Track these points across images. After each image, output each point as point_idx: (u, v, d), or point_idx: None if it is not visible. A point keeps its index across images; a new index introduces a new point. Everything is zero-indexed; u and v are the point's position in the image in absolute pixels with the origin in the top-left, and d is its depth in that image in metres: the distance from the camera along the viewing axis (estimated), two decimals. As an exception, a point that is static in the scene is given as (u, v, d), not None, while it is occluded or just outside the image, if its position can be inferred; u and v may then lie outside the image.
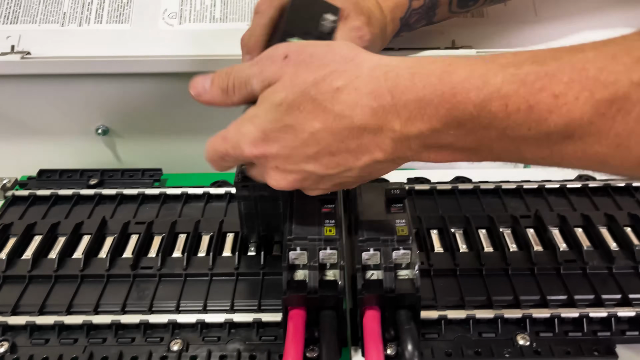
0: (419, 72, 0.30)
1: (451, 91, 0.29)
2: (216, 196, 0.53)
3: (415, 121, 0.30)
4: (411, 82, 0.30)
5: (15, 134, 0.63)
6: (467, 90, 0.28)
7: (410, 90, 0.29)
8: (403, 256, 0.36)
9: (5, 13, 0.60)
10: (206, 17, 0.61)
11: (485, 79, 0.28)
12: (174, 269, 0.45)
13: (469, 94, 0.28)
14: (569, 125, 0.28)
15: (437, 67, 0.30)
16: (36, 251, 0.46)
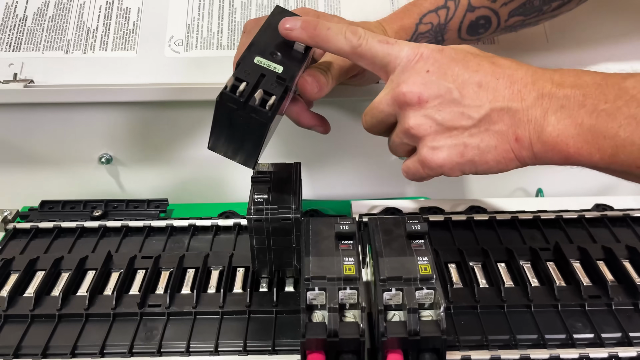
0: (582, 72, 0.35)
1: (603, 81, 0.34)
2: (224, 228, 0.52)
3: (566, 87, 0.34)
4: (572, 70, 0.35)
5: (17, 162, 0.61)
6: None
7: (572, 73, 0.35)
8: (426, 296, 0.35)
9: (8, 40, 0.59)
10: (213, 44, 0.60)
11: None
12: (183, 307, 0.43)
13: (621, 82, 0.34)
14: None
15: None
16: (39, 288, 0.44)
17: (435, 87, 0.36)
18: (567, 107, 0.34)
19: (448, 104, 0.35)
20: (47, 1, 0.61)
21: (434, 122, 0.36)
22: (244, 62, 0.37)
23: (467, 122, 0.35)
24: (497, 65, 0.36)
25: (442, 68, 0.36)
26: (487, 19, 0.50)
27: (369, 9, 0.61)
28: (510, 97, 0.35)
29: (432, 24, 0.50)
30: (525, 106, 0.34)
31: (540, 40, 0.59)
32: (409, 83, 0.36)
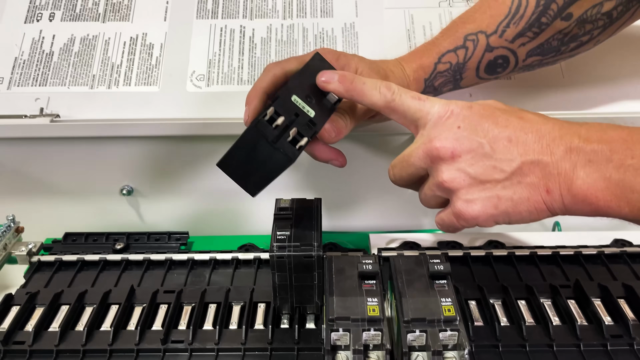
0: (607, 127, 0.36)
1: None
2: (245, 262, 0.52)
3: (593, 142, 0.35)
4: (597, 125, 0.36)
5: (40, 194, 0.63)
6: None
7: (599, 127, 0.36)
8: (450, 337, 0.35)
9: (34, 75, 0.61)
10: (234, 79, 0.61)
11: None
12: (205, 343, 0.43)
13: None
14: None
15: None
16: (64, 323, 0.44)
17: (467, 142, 0.37)
18: (595, 161, 0.35)
19: (480, 158, 0.37)
20: (73, 37, 0.63)
21: (468, 176, 0.37)
22: (282, 98, 0.38)
23: (500, 175, 0.36)
24: (525, 120, 0.37)
25: (472, 124, 0.37)
26: (505, 59, 0.51)
27: (386, 46, 0.62)
28: (540, 150, 0.36)
29: (450, 63, 0.51)
30: (555, 160, 0.36)
31: (556, 77, 0.60)
32: (441, 138, 0.37)
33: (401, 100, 0.40)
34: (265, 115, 0.37)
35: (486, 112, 0.38)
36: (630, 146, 0.34)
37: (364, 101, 0.41)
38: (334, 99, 0.41)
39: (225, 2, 0.66)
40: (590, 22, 0.49)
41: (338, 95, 0.41)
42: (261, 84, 0.44)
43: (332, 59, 0.47)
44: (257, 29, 0.64)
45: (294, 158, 0.38)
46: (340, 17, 0.64)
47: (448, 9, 0.64)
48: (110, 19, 0.64)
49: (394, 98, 0.40)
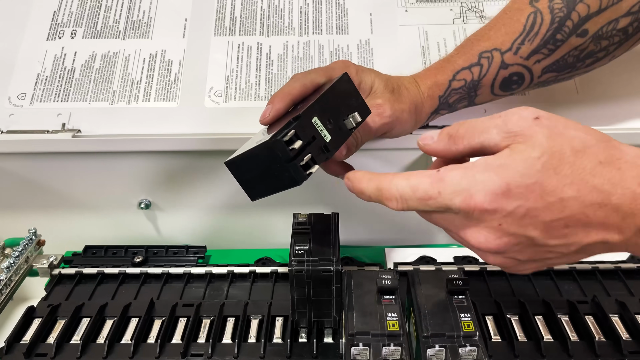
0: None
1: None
2: (262, 275, 0.53)
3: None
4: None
5: (61, 208, 0.64)
6: None
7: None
8: (469, 353, 0.35)
9: (56, 91, 0.62)
10: (251, 95, 0.62)
11: None
12: (224, 356, 0.44)
13: None
14: None
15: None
16: (85, 336, 0.45)
17: (514, 239, 0.31)
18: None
19: (530, 247, 0.32)
20: (94, 54, 0.65)
21: (517, 261, 0.33)
22: (304, 118, 0.38)
23: (554, 255, 0.32)
24: (583, 193, 0.30)
25: (516, 216, 0.30)
26: (520, 76, 0.52)
27: (401, 63, 0.63)
28: (605, 230, 0.31)
29: (465, 81, 0.52)
30: (625, 238, 0.31)
31: (570, 92, 0.60)
32: (479, 240, 0.32)
33: (410, 207, 0.33)
34: (284, 135, 0.37)
35: (532, 182, 0.30)
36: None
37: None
38: (352, 125, 0.41)
39: (243, 19, 0.67)
40: (606, 38, 0.50)
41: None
42: (290, 90, 0.44)
43: (352, 73, 0.48)
44: (274, 45, 0.65)
45: (301, 182, 0.38)
46: (355, 33, 0.65)
47: (462, 25, 0.65)
48: (130, 36, 0.66)
49: (402, 208, 0.34)
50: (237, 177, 0.41)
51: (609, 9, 0.48)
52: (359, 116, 0.42)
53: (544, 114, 0.32)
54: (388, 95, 0.50)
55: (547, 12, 0.49)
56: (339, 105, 0.41)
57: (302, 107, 0.43)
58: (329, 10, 0.67)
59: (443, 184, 0.31)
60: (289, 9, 0.68)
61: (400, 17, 0.66)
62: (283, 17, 0.67)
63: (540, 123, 0.31)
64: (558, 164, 0.30)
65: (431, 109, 0.54)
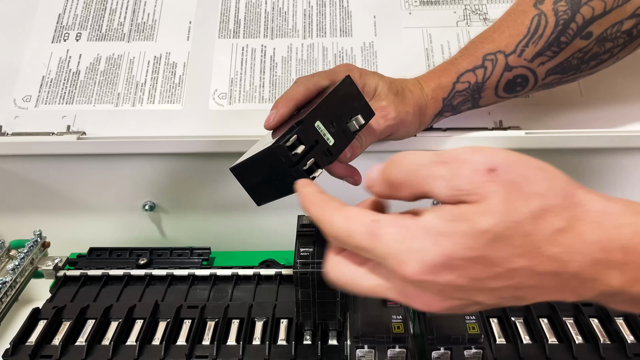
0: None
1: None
2: (266, 277, 0.53)
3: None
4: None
5: (66, 209, 0.64)
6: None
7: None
8: (474, 355, 0.35)
9: (61, 93, 0.63)
10: (255, 97, 0.62)
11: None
12: (229, 358, 0.44)
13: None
14: None
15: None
16: (90, 337, 0.45)
17: (459, 302, 0.28)
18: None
19: (474, 305, 0.28)
20: (99, 56, 0.65)
21: (464, 311, 0.29)
22: (306, 123, 0.38)
23: (507, 304, 0.28)
24: (536, 263, 0.26)
25: (458, 286, 0.27)
26: (524, 78, 0.52)
27: (405, 65, 0.63)
28: (560, 293, 0.27)
29: (469, 83, 0.52)
30: (582, 299, 0.28)
31: (574, 95, 0.60)
32: (423, 303, 0.28)
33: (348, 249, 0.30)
34: (287, 140, 0.37)
35: (477, 255, 0.26)
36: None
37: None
38: (355, 128, 0.41)
39: (247, 22, 0.67)
40: (611, 40, 0.50)
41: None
42: (294, 95, 0.44)
43: (355, 76, 0.48)
44: (278, 48, 0.65)
45: None
46: (359, 36, 0.66)
47: (466, 28, 0.65)
48: (134, 38, 0.66)
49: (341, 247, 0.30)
50: (242, 183, 0.42)
51: (614, 11, 0.48)
52: (362, 118, 0.42)
53: (500, 163, 0.26)
54: (392, 97, 0.50)
55: (552, 15, 0.49)
56: (342, 108, 0.41)
57: (306, 111, 0.43)
58: (333, 13, 0.68)
59: (377, 241, 0.27)
60: (293, 12, 0.68)
61: (404, 20, 0.66)
62: (287, 20, 0.67)
63: (496, 178, 0.26)
64: (513, 234, 0.25)
65: (435, 111, 0.54)
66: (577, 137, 0.56)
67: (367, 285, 0.29)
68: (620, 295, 0.27)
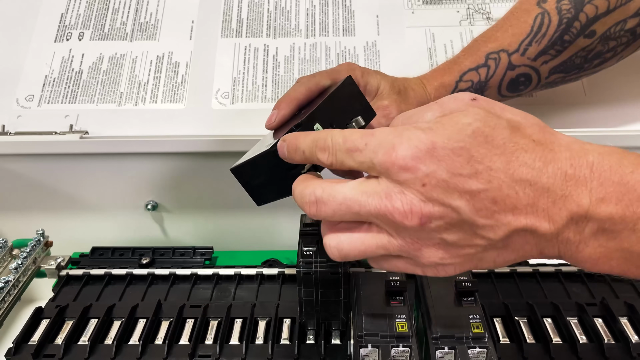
0: (627, 158, 0.28)
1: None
2: (269, 277, 0.53)
3: (609, 203, 0.27)
4: (618, 164, 0.28)
5: (68, 209, 0.64)
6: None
7: (615, 171, 0.28)
8: (479, 354, 0.35)
9: (64, 92, 0.63)
10: (257, 96, 0.62)
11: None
12: (232, 357, 0.44)
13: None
14: None
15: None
16: (93, 336, 0.45)
17: (438, 208, 0.28)
18: (613, 231, 0.28)
19: (456, 224, 0.29)
20: (101, 56, 0.65)
21: (441, 242, 0.30)
22: (306, 125, 0.38)
23: (482, 242, 0.29)
24: (517, 162, 0.28)
25: (440, 178, 0.28)
26: (527, 77, 0.51)
27: (408, 64, 0.63)
28: (534, 215, 0.28)
29: (472, 82, 0.52)
30: (555, 228, 0.28)
31: (578, 94, 0.60)
32: (405, 204, 0.28)
33: (339, 159, 0.31)
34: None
35: (459, 146, 0.28)
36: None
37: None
38: (359, 125, 0.41)
39: (249, 21, 0.67)
40: (614, 39, 0.50)
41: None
42: (295, 95, 0.44)
43: (357, 75, 0.48)
44: (281, 47, 0.65)
45: None
46: (362, 35, 0.66)
47: (469, 27, 0.65)
48: (137, 38, 0.66)
49: (331, 162, 0.32)
50: (242, 183, 0.42)
51: (617, 10, 0.48)
52: (363, 120, 0.41)
53: (482, 97, 0.31)
54: (394, 96, 0.50)
55: (555, 13, 0.49)
56: (343, 110, 0.41)
57: (307, 112, 0.43)
58: (336, 12, 0.67)
59: (371, 137, 0.30)
60: (295, 11, 0.68)
61: (407, 19, 0.66)
62: (290, 19, 0.67)
63: (477, 103, 0.30)
64: (490, 132, 0.28)
65: None
66: (581, 136, 0.56)
67: (352, 192, 0.30)
68: (589, 222, 0.28)
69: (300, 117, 0.41)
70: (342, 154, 0.31)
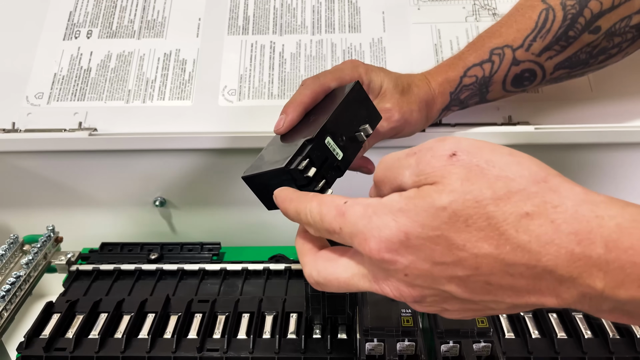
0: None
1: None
2: (276, 272, 0.54)
3: (630, 287, 0.23)
4: (632, 234, 0.23)
5: (78, 205, 0.65)
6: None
7: (638, 251, 0.23)
8: (483, 349, 0.36)
9: (73, 90, 0.63)
10: (264, 93, 0.63)
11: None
12: (239, 352, 0.44)
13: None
14: None
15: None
16: (103, 331, 0.46)
17: (428, 292, 0.27)
18: (634, 309, 0.24)
19: (453, 300, 0.27)
20: (109, 53, 0.66)
21: (444, 310, 0.28)
22: (318, 141, 0.38)
23: (491, 309, 0.27)
24: (503, 251, 0.24)
25: (422, 269, 0.26)
26: (532, 72, 0.52)
27: (413, 61, 0.63)
28: (539, 295, 0.25)
29: (476, 77, 0.52)
30: (565, 304, 0.25)
31: (584, 90, 0.60)
32: (394, 290, 0.27)
33: (323, 236, 0.30)
34: (299, 164, 0.37)
35: (436, 235, 0.25)
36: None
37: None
38: (363, 139, 0.41)
39: (256, 19, 0.67)
40: (619, 34, 0.50)
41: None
42: (302, 99, 0.45)
43: (361, 73, 0.49)
44: (287, 44, 0.65)
45: None
46: (367, 32, 0.66)
47: (475, 23, 0.65)
48: (145, 35, 0.67)
49: (319, 236, 0.31)
50: (253, 190, 0.42)
51: (622, 5, 0.48)
52: (370, 128, 0.41)
53: (463, 148, 0.26)
54: (397, 96, 0.50)
55: (560, 9, 0.49)
56: (351, 119, 0.41)
57: (315, 118, 0.43)
58: (342, 9, 0.68)
59: (344, 220, 0.28)
60: (301, 8, 0.68)
61: (412, 15, 0.67)
62: (296, 16, 0.67)
63: (456, 161, 0.25)
64: (471, 214, 0.24)
65: (442, 105, 0.54)
66: (587, 132, 0.56)
67: (344, 276, 0.29)
68: (605, 301, 0.24)
69: (309, 126, 0.42)
70: (324, 232, 0.29)
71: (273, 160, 0.39)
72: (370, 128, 0.41)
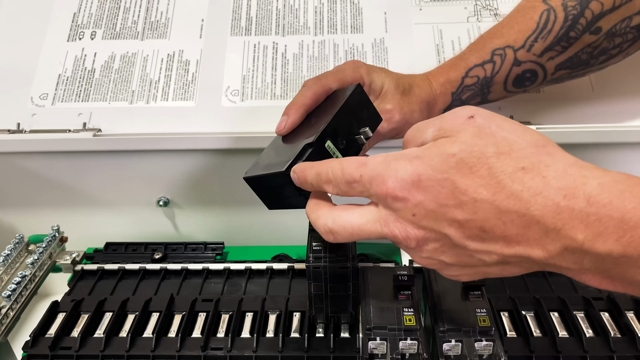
0: (630, 191, 0.26)
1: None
2: (279, 271, 0.54)
3: (607, 240, 0.26)
4: (620, 198, 0.26)
5: (82, 205, 0.65)
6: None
7: (616, 207, 0.26)
8: (485, 348, 0.36)
9: (77, 91, 0.64)
10: (267, 94, 0.63)
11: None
12: (243, 351, 0.45)
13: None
14: None
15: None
16: (108, 330, 0.46)
17: (431, 234, 0.30)
18: (613, 265, 0.27)
19: (450, 248, 0.30)
20: (113, 54, 0.66)
21: (441, 263, 0.31)
22: (318, 145, 0.38)
23: (480, 263, 0.30)
24: (499, 198, 0.27)
25: (428, 209, 0.29)
26: (533, 73, 0.52)
27: (415, 61, 0.63)
28: (526, 244, 0.28)
29: (478, 78, 0.52)
30: (550, 256, 0.27)
31: (585, 89, 0.60)
32: (401, 231, 0.30)
33: (342, 190, 0.33)
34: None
35: (443, 177, 0.28)
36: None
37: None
38: (363, 142, 0.41)
39: (258, 19, 0.68)
40: (620, 35, 0.50)
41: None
42: (303, 100, 0.45)
43: (363, 73, 0.49)
44: (289, 45, 0.66)
45: None
46: (370, 32, 0.66)
47: (476, 24, 0.65)
48: (148, 36, 0.67)
49: (337, 193, 0.34)
50: (254, 190, 0.43)
51: (623, 6, 0.48)
52: (370, 130, 0.42)
53: (481, 113, 0.30)
54: (398, 97, 0.50)
55: (561, 10, 0.50)
56: (351, 122, 0.41)
57: (317, 119, 0.43)
58: (344, 10, 0.68)
59: (365, 168, 0.31)
60: (304, 9, 0.68)
61: (414, 16, 0.67)
62: (298, 17, 0.68)
63: (472, 122, 0.29)
64: (475, 162, 0.28)
65: (444, 105, 0.54)
66: (589, 132, 0.57)
67: (358, 222, 0.32)
68: (586, 256, 0.26)
69: (310, 128, 0.42)
70: (344, 185, 0.32)
71: (274, 162, 0.40)
72: (370, 131, 0.41)
